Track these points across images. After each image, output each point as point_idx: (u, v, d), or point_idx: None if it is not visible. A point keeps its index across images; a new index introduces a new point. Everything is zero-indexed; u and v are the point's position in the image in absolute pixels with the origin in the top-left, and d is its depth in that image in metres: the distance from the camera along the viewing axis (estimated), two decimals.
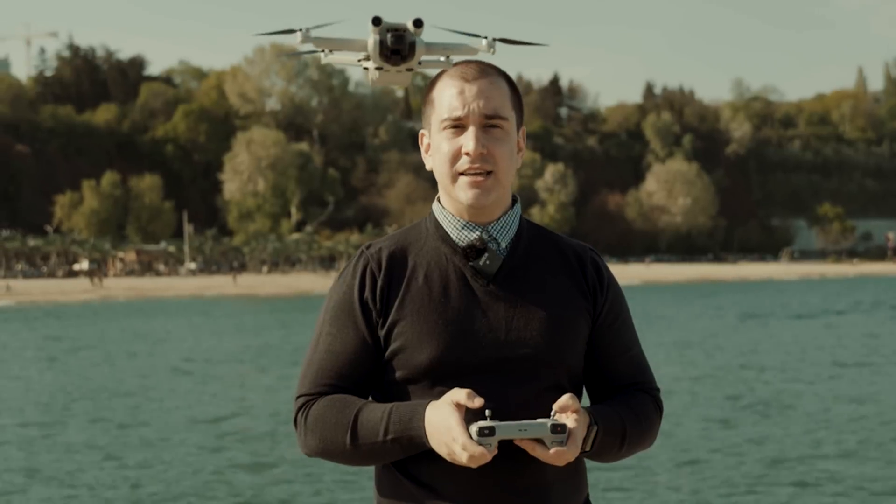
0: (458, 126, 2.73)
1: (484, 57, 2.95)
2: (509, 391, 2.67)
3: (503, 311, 2.71)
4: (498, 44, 3.97)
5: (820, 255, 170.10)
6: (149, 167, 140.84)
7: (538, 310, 2.72)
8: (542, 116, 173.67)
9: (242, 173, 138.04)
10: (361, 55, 2.77)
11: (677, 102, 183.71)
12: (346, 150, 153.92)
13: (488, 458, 2.53)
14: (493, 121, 2.73)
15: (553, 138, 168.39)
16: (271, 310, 62.44)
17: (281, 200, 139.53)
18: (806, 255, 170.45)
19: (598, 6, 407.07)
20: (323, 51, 2.69)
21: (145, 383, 25.48)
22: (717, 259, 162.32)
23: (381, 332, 2.72)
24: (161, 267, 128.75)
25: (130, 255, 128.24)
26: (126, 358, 32.43)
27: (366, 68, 2.77)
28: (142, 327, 47.17)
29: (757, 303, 63.46)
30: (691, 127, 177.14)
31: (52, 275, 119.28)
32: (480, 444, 2.53)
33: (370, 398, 2.79)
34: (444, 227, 2.79)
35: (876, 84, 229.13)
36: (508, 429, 2.55)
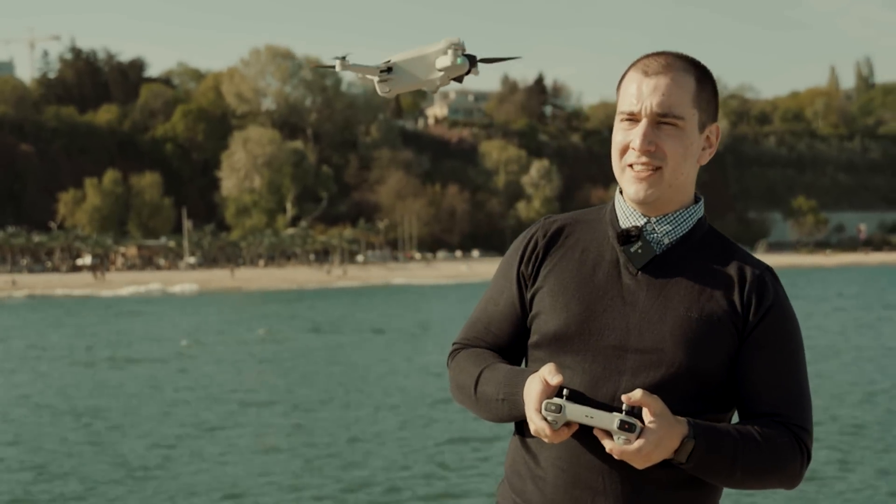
0: (632, 119, 2.62)
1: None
2: (623, 379, 2.55)
3: (642, 301, 2.60)
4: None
5: (794, 247, 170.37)
6: (149, 165, 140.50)
7: (676, 308, 2.58)
8: (527, 115, 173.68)
9: (239, 171, 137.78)
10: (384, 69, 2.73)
11: None
12: (339, 147, 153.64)
13: (551, 435, 2.46)
14: (666, 119, 2.60)
15: (538, 135, 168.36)
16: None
17: (276, 197, 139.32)
18: (781, 247, 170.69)
19: (581, 9, 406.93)
20: (339, 58, 2.65)
21: None
22: None
23: (528, 296, 2.69)
24: (161, 261, 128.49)
25: (132, 250, 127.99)
26: None
27: (381, 81, 2.73)
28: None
29: None
30: None
31: (55, 269, 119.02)
32: (545, 419, 2.46)
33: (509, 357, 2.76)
34: (617, 212, 2.69)
35: (847, 82, 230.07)
36: (576, 411, 2.46)
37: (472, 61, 2.60)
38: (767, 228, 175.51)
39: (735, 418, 2.68)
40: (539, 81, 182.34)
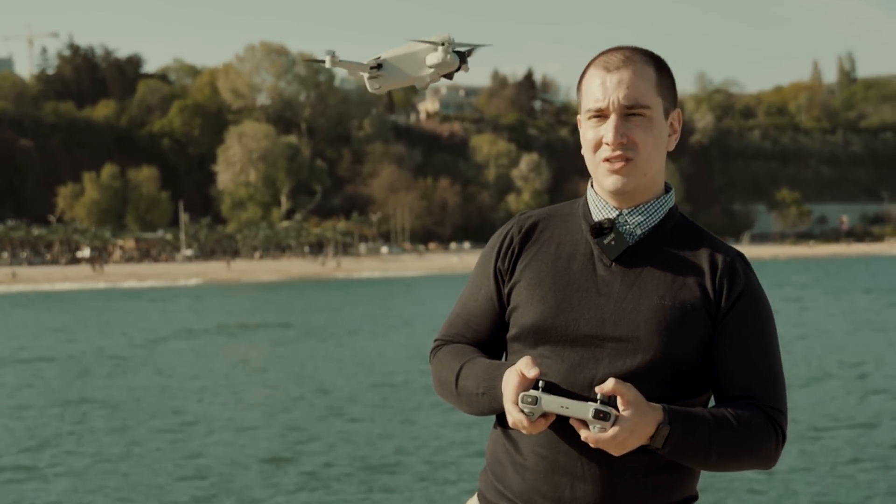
0: (601, 116, 2.64)
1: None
2: (600, 368, 2.56)
3: (617, 291, 2.61)
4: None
5: (778, 238, 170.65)
6: (146, 160, 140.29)
7: (651, 297, 2.59)
8: (517, 109, 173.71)
9: (235, 165, 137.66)
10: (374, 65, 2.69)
11: None
12: (333, 142, 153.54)
13: (528, 426, 2.47)
14: (633, 110, 2.62)
15: (528, 130, 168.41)
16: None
17: (271, 190, 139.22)
18: (765, 238, 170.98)
19: (569, 5, 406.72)
20: (329, 53, 2.60)
21: None
22: None
23: (506, 290, 2.70)
24: (159, 254, 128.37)
25: (129, 243, 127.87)
26: None
27: (371, 78, 2.69)
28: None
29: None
30: None
31: (55, 262, 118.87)
32: (522, 412, 2.46)
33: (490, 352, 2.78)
34: (590, 206, 2.72)
35: (830, 77, 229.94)
36: (552, 403, 2.46)
37: (462, 58, 2.57)
38: (752, 220, 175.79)
39: (710, 403, 2.67)
40: (528, 77, 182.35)
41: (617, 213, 2.66)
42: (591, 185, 2.75)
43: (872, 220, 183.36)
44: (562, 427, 2.53)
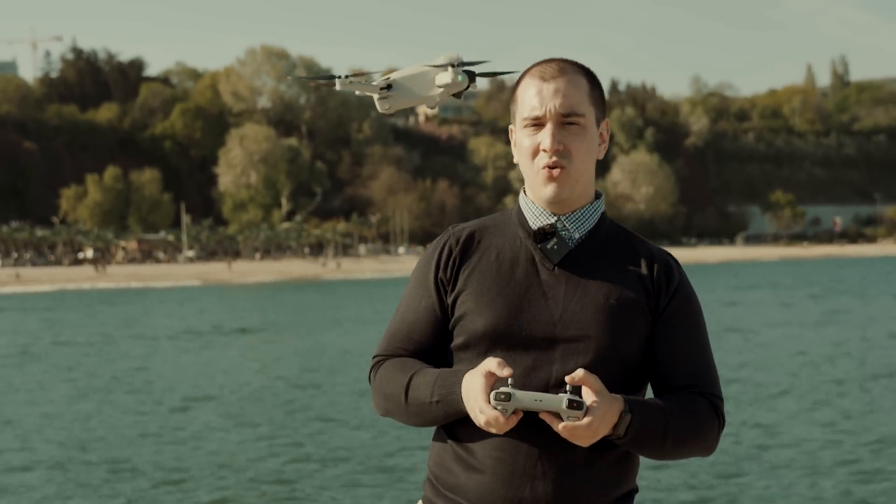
0: (538, 124, 2.70)
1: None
2: (555, 368, 2.63)
3: (563, 293, 2.68)
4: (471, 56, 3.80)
5: (773, 239, 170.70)
6: (148, 162, 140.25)
7: (596, 297, 2.68)
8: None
9: (236, 167, 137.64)
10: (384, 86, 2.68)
11: (640, 98, 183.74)
12: (333, 144, 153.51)
13: (503, 423, 2.51)
14: (569, 118, 2.69)
15: None
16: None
17: (272, 192, 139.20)
18: (759, 239, 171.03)
19: (565, 10, 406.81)
20: (339, 76, 2.60)
21: None
22: (676, 243, 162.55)
23: (449, 301, 2.73)
24: (161, 255, 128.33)
25: (132, 244, 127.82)
26: None
27: (381, 98, 2.69)
28: None
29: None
30: (653, 121, 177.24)
31: (58, 263, 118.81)
32: (496, 409, 2.50)
33: (434, 363, 2.78)
34: (525, 214, 2.77)
35: (823, 80, 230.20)
36: (525, 398, 2.50)
37: (472, 77, 2.58)
38: (746, 222, 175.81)
39: (647, 394, 2.75)
40: None
41: (555, 218, 2.73)
42: (524, 193, 2.80)
43: (865, 222, 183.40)
44: (518, 429, 2.57)
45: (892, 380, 20.04)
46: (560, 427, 2.51)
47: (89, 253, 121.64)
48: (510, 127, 2.83)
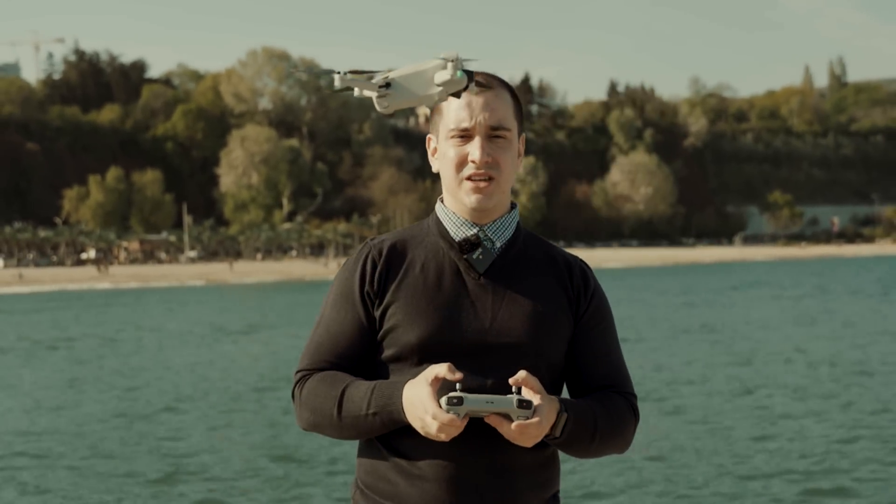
0: (465, 136, 2.74)
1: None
2: (489, 376, 2.66)
3: (490, 302, 2.72)
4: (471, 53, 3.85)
5: (771, 239, 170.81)
6: (150, 163, 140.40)
7: (523, 304, 2.73)
8: None
9: (237, 168, 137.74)
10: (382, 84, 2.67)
11: (639, 99, 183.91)
12: (334, 145, 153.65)
13: (457, 427, 2.53)
14: (497, 131, 2.74)
15: (525, 133, 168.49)
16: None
17: (273, 192, 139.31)
18: (758, 239, 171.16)
19: (565, 11, 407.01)
20: (338, 72, 2.59)
21: None
22: (674, 243, 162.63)
23: (377, 313, 2.73)
24: (163, 255, 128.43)
25: (134, 245, 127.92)
26: None
27: (380, 97, 2.68)
28: None
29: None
30: (652, 122, 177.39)
31: (61, 263, 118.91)
32: (448, 413, 2.51)
33: (362, 376, 2.78)
34: (445, 224, 2.81)
35: (821, 81, 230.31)
36: (476, 401, 2.53)
37: (470, 76, 2.58)
38: (744, 222, 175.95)
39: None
40: (525, 81, 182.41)
41: (477, 228, 2.77)
42: (442, 202, 2.84)
43: (863, 222, 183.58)
44: (458, 434, 2.59)
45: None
46: (513, 426, 2.54)
47: (92, 253, 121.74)
48: (429, 136, 2.87)
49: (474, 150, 2.72)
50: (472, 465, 2.66)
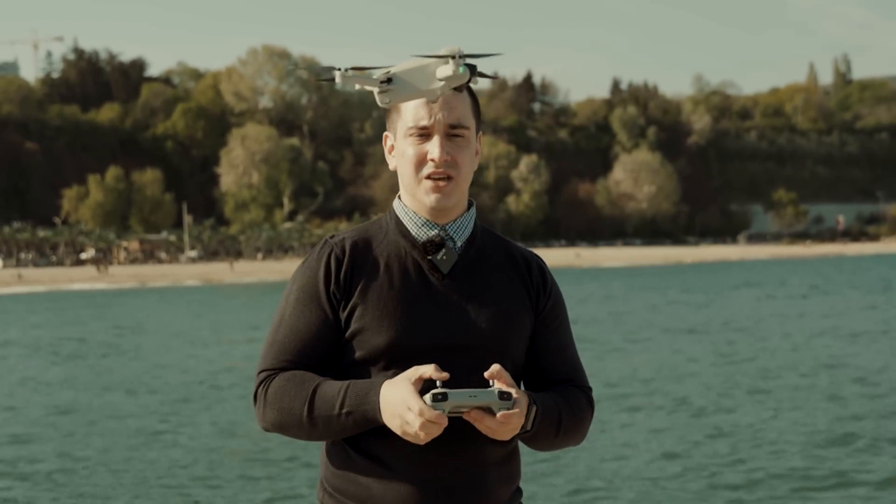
0: (424, 134, 2.75)
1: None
2: (459, 376, 2.67)
3: (455, 302, 2.74)
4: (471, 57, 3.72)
5: (775, 238, 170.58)
6: (150, 162, 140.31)
7: (487, 303, 2.75)
8: (516, 111, 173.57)
9: (238, 167, 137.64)
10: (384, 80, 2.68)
11: (642, 97, 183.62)
12: (335, 144, 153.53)
13: (440, 425, 2.54)
14: (456, 130, 2.75)
15: (527, 131, 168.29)
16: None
17: (274, 192, 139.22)
18: (762, 238, 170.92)
19: (568, 9, 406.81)
20: (339, 69, 2.59)
21: None
22: (678, 242, 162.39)
23: (343, 315, 2.73)
24: (163, 255, 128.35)
25: (134, 245, 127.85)
26: None
27: (381, 92, 2.69)
28: None
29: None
30: (655, 120, 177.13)
31: (60, 263, 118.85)
32: (434, 410, 2.53)
33: (328, 377, 2.76)
34: (405, 223, 2.81)
35: (826, 78, 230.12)
36: (460, 395, 2.56)
37: (473, 71, 2.59)
38: (749, 220, 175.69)
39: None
40: (528, 79, 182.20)
41: (438, 228, 2.78)
42: (401, 199, 2.85)
43: (868, 220, 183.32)
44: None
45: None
46: (497, 416, 2.56)
47: (91, 253, 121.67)
48: (385, 134, 2.87)
49: (434, 148, 2.74)
50: (444, 465, 2.67)
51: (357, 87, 2.60)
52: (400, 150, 2.79)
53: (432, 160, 2.74)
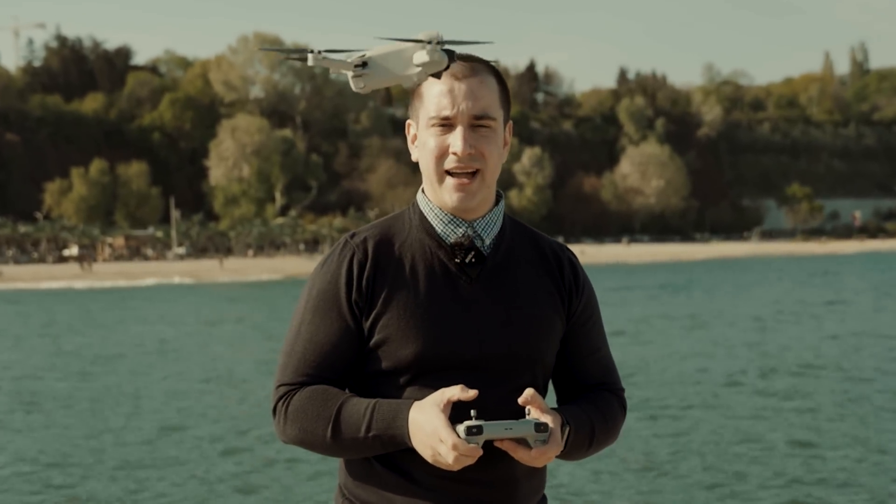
0: (446, 125, 2.68)
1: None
2: (489, 388, 2.62)
3: (486, 309, 2.67)
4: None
5: (789, 234, 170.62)
6: (136, 154, 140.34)
7: (519, 309, 2.69)
8: (518, 102, 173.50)
9: (227, 160, 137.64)
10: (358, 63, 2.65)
11: (650, 87, 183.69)
12: (329, 136, 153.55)
13: (475, 457, 2.49)
14: (481, 121, 2.66)
15: (530, 123, 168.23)
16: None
17: (265, 186, 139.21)
18: (776, 234, 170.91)
19: None
20: (312, 51, 2.57)
21: None
22: (688, 238, 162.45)
23: (366, 324, 2.66)
24: (149, 252, 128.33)
25: (119, 241, 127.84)
26: None
27: (356, 76, 2.66)
28: None
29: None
30: (664, 111, 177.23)
31: (42, 260, 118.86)
32: (469, 444, 2.48)
33: (347, 389, 2.73)
34: (430, 219, 2.74)
35: (842, 68, 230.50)
36: (495, 427, 2.50)
37: (451, 56, 2.53)
38: (762, 216, 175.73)
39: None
40: (531, 68, 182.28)
41: (466, 225, 2.70)
42: (423, 193, 2.78)
43: (886, 216, 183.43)
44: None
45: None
46: (533, 453, 2.52)
47: (74, 250, 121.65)
48: (408, 122, 2.82)
49: (456, 140, 2.65)
50: (474, 481, 2.62)
51: (332, 72, 2.56)
52: (422, 141, 2.73)
53: (454, 153, 2.65)
